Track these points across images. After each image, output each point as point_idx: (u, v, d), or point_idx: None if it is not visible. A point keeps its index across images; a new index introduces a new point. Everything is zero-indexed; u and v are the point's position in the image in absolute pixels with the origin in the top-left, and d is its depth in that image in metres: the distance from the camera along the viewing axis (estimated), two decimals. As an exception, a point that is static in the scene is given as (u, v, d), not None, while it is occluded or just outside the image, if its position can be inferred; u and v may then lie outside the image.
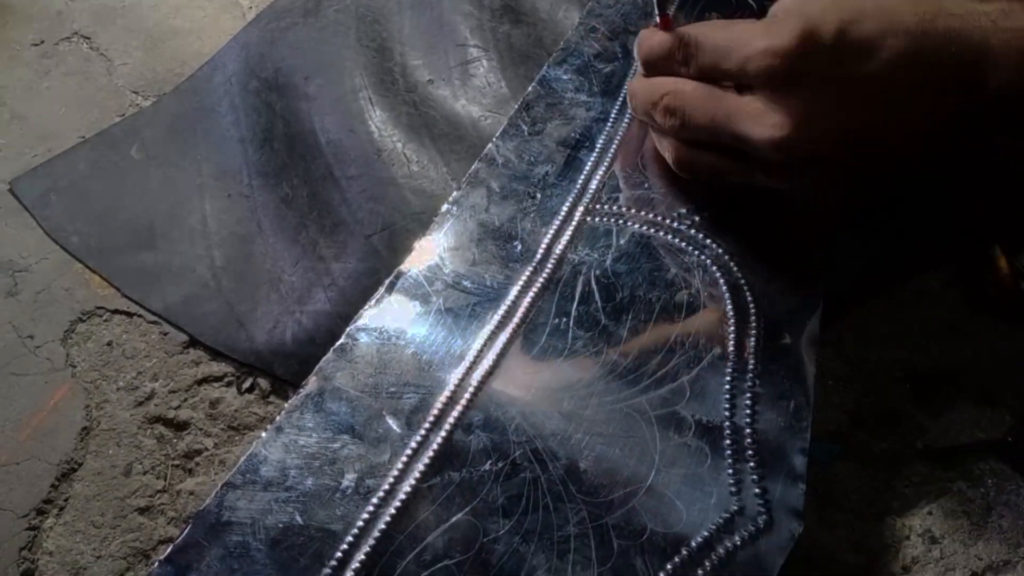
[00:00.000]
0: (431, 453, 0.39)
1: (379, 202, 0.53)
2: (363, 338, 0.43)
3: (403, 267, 0.46)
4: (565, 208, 0.49)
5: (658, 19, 0.47)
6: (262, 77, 0.61)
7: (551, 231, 0.48)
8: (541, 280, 0.46)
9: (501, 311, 0.45)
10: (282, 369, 0.48)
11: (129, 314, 0.51)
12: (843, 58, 0.38)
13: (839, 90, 0.39)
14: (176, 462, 0.47)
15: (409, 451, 0.39)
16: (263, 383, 0.49)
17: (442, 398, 0.41)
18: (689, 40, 0.43)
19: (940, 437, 0.46)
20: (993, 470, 0.45)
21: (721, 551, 0.37)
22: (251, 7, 0.77)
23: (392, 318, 0.44)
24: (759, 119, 0.40)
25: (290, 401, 0.41)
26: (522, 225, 0.49)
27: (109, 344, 0.50)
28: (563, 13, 0.63)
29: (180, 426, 0.48)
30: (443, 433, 0.40)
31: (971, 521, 0.44)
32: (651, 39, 0.45)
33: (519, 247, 0.48)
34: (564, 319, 0.44)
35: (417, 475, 0.38)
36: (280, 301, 0.50)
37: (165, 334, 0.51)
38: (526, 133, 0.54)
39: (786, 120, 0.39)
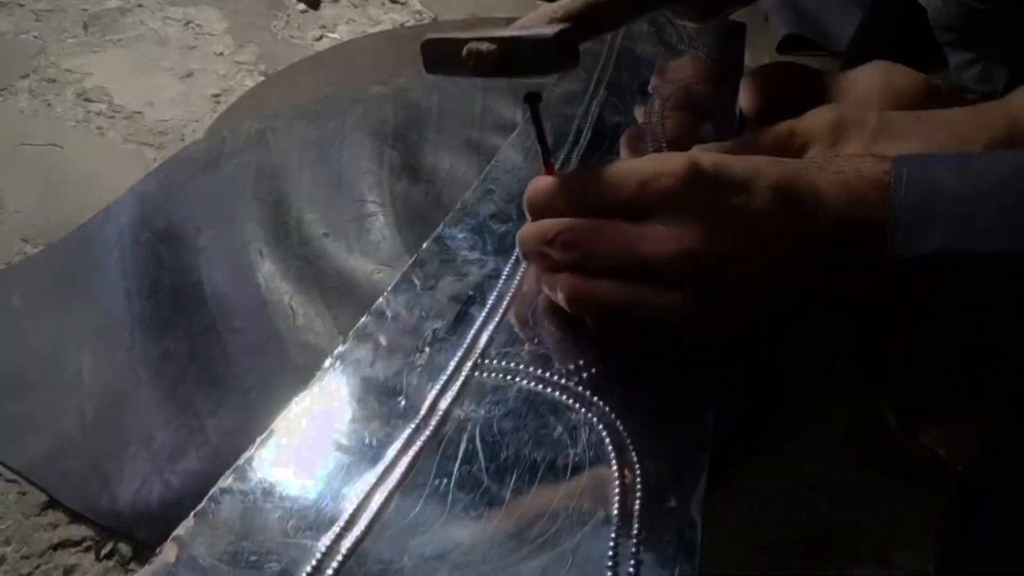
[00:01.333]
0: (289, 632, 0.36)
1: (260, 356, 0.51)
2: (226, 501, 0.41)
3: (276, 424, 0.44)
4: (453, 363, 0.48)
5: (543, 166, 0.49)
6: (155, 228, 0.61)
7: (437, 387, 0.47)
8: (423, 438, 0.44)
9: (378, 471, 0.42)
10: (145, 533, 0.45)
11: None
12: (722, 189, 0.43)
13: (724, 214, 0.43)
14: (19, 640, 0.43)
15: (265, 629, 0.36)
16: (124, 549, 0.45)
17: (307, 568, 0.38)
18: (575, 180, 0.46)
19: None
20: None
21: None
22: (155, 159, 0.77)
23: (260, 479, 0.42)
24: (661, 238, 0.42)
25: (141, 571, 0.38)
26: (408, 380, 0.47)
27: (-44, 507, 0.47)
28: (462, 174, 0.64)
29: (28, 597, 0.44)
30: (305, 608, 0.37)
31: None
32: (537, 183, 0.48)
33: (403, 403, 0.46)
34: (445, 480, 0.43)
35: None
36: (150, 459, 0.47)
37: (23, 494, 0.48)
38: (418, 288, 0.53)
39: (686, 235, 0.42)
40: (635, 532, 0.40)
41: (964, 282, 0.44)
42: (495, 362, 0.48)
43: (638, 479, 0.42)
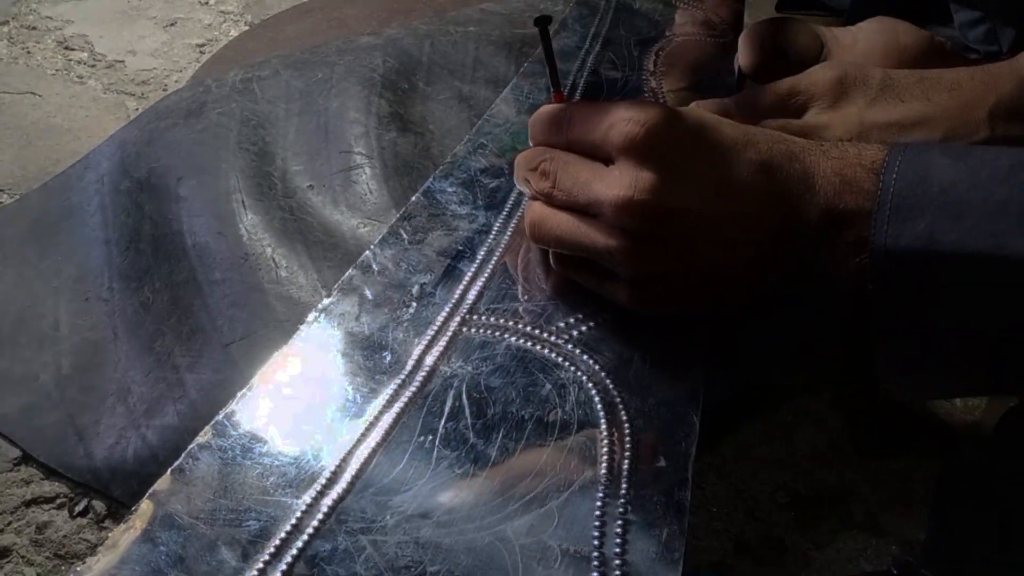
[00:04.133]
0: (268, 588, 0.35)
1: (241, 308, 0.49)
2: (205, 458, 0.39)
3: (257, 379, 0.43)
4: (440, 318, 0.47)
5: (552, 92, 0.49)
6: (135, 177, 0.59)
7: (424, 342, 0.46)
8: (409, 394, 0.43)
9: (361, 427, 0.41)
10: (120, 490, 0.44)
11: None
12: (698, 148, 0.42)
13: (689, 172, 0.41)
14: (-10, 595, 0.42)
15: (244, 585, 0.35)
16: (98, 506, 0.44)
17: (286, 526, 0.37)
18: (566, 113, 0.46)
19: (825, 569, 0.44)
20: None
21: None
22: (137, 109, 0.75)
23: (240, 435, 0.41)
24: (610, 182, 0.41)
25: (117, 528, 0.37)
26: (394, 335, 0.46)
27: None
28: (452, 127, 0.62)
29: (1, 553, 0.43)
30: (282, 567, 0.36)
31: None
32: (540, 111, 0.47)
33: (388, 358, 0.45)
34: (430, 437, 0.41)
35: (250, 615, 0.34)
36: (126, 414, 0.46)
37: (-6, 450, 0.46)
38: (406, 242, 0.52)
39: (633, 184, 0.41)
40: (623, 492, 0.39)
41: (947, 289, 0.40)
42: (484, 318, 0.47)
43: (627, 438, 0.41)
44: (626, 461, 0.40)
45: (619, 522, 0.38)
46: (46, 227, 0.58)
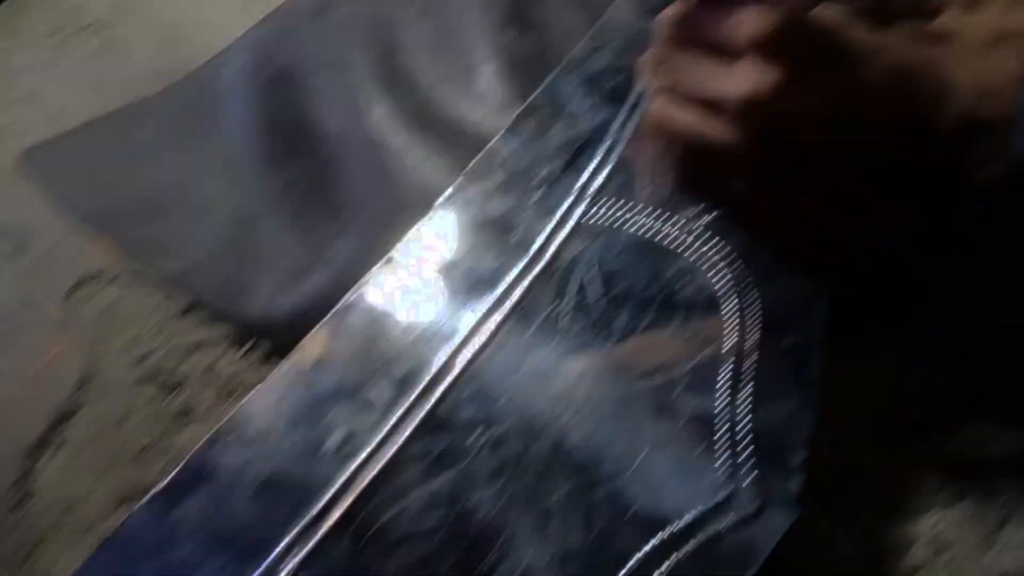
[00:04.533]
0: (418, 420, 0.40)
1: (378, 190, 0.53)
2: (352, 315, 0.44)
3: (397, 249, 0.47)
4: (565, 206, 0.49)
5: None
6: (268, 73, 0.63)
7: (549, 227, 0.48)
8: (536, 271, 0.46)
9: (494, 297, 0.45)
10: (279, 341, 0.49)
11: (131, 277, 0.53)
12: (828, 50, 0.41)
13: (818, 76, 0.41)
14: (169, 419, 0.48)
15: (396, 416, 0.40)
16: (264, 345, 0.50)
17: (431, 371, 0.41)
18: (693, 13, 0.45)
19: (960, 451, 0.45)
20: (1010, 484, 0.43)
21: (708, 532, 0.37)
22: (269, 7, 0.78)
23: (383, 297, 0.45)
24: (735, 78, 0.42)
25: (280, 364, 0.42)
26: (520, 219, 0.49)
27: (110, 306, 0.52)
28: (572, 26, 0.64)
29: (175, 385, 0.49)
30: (432, 401, 0.40)
31: (985, 531, 0.42)
32: (667, 10, 0.47)
33: (515, 239, 0.48)
34: (557, 309, 0.44)
35: (403, 439, 0.39)
36: (279, 276, 0.51)
37: (166, 298, 0.52)
38: (530, 133, 0.54)
39: (758, 80, 0.40)
40: (751, 365, 0.41)
41: None
42: (608, 204, 0.49)
43: (757, 317, 0.43)
44: (755, 336, 0.42)
45: (747, 389, 0.40)
46: (189, 116, 0.62)
